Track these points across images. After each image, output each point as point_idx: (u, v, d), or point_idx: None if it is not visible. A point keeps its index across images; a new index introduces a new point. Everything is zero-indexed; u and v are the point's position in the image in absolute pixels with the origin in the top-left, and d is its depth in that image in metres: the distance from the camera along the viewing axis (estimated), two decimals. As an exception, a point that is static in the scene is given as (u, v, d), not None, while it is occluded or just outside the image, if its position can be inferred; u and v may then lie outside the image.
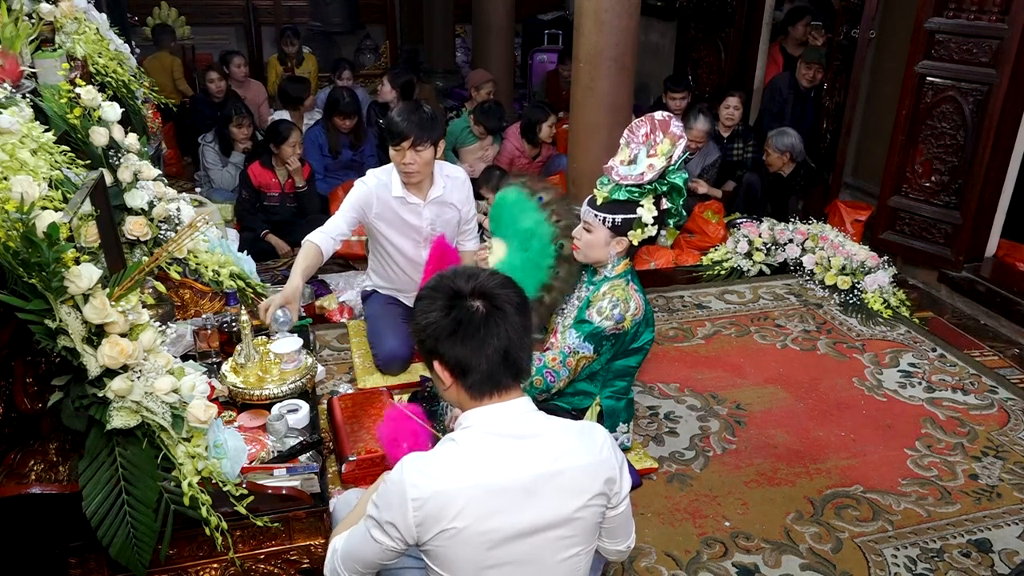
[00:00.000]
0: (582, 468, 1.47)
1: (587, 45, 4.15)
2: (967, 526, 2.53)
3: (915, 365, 3.44)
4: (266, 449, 1.95)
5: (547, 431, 1.48)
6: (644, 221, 2.32)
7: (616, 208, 2.32)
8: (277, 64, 7.25)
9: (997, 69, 3.70)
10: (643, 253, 4.56)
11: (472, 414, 1.48)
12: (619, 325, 2.36)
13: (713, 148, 5.11)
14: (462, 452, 1.44)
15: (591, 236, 2.37)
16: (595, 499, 1.49)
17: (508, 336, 1.44)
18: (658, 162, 2.28)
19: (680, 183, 2.32)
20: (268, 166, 4.50)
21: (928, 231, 4.16)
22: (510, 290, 1.49)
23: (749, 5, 5.95)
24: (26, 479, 1.60)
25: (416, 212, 3.07)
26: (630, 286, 2.40)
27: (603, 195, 2.35)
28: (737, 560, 2.35)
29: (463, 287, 1.47)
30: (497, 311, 1.45)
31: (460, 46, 8.72)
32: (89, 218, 1.77)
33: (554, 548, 1.47)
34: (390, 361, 3.12)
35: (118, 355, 1.53)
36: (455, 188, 3.15)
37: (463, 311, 1.44)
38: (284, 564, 1.81)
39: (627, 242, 2.35)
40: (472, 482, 1.40)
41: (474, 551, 1.41)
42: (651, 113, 2.39)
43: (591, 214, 2.36)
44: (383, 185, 3.03)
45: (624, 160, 2.35)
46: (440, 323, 1.45)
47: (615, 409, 2.54)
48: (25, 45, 2.30)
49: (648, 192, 2.31)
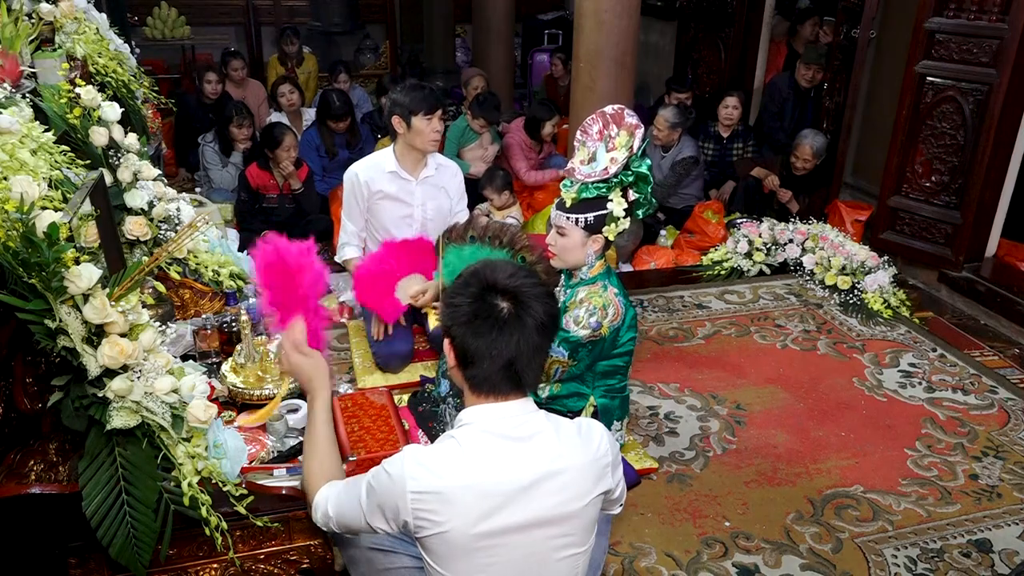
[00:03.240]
0: (581, 467, 1.47)
1: (587, 45, 4.15)
2: (967, 526, 2.53)
3: (915, 365, 3.44)
4: (266, 449, 1.95)
5: (546, 430, 1.48)
6: (616, 215, 2.32)
7: (586, 207, 2.32)
8: (277, 64, 7.25)
9: (997, 69, 3.70)
10: (643, 253, 4.56)
11: (472, 411, 1.48)
12: (595, 333, 2.35)
13: (688, 147, 4.91)
14: (462, 450, 1.44)
15: (566, 239, 2.37)
16: (595, 498, 1.50)
17: (518, 348, 1.42)
18: (619, 155, 2.28)
19: (646, 171, 2.32)
20: (266, 168, 4.48)
21: (928, 231, 4.16)
22: (543, 304, 1.45)
23: (749, 5, 5.95)
24: (26, 479, 1.61)
25: (408, 190, 3.16)
26: (609, 291, 2.39)
27: (571, 196, 2.35)
28: (737, 560, 2.35)
29: (499, 281, 1.45)
30: (518, 320, 1.42)
31: (460, 46, 8.72)
32: (89, 218, 1.77)
33: (552, 547, 1.47)
34: (389, 359, 3.12)
35: (118, 355, 1.53)
36: (447, 175, 3.25)
37: (487, 306, 1.43)
38: (284, 564, 1.81)
39: (603, 239, 2.35)
40: (471, 481, 1.40)
41: (470, 548, 1.41)
42: (601, 109, 2.38)
43: (563, 218, 2.36)
44: (371, 166, 3.16)
45: (584, 160, 2.36)
46: (462, 307, 1.44)
47: (609, 407, 2.54)
48: (25, 45, 2.30)
49: (615, 185, 2.31)
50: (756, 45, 5.98)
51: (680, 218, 4.90)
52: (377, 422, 2.58)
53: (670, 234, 4.83)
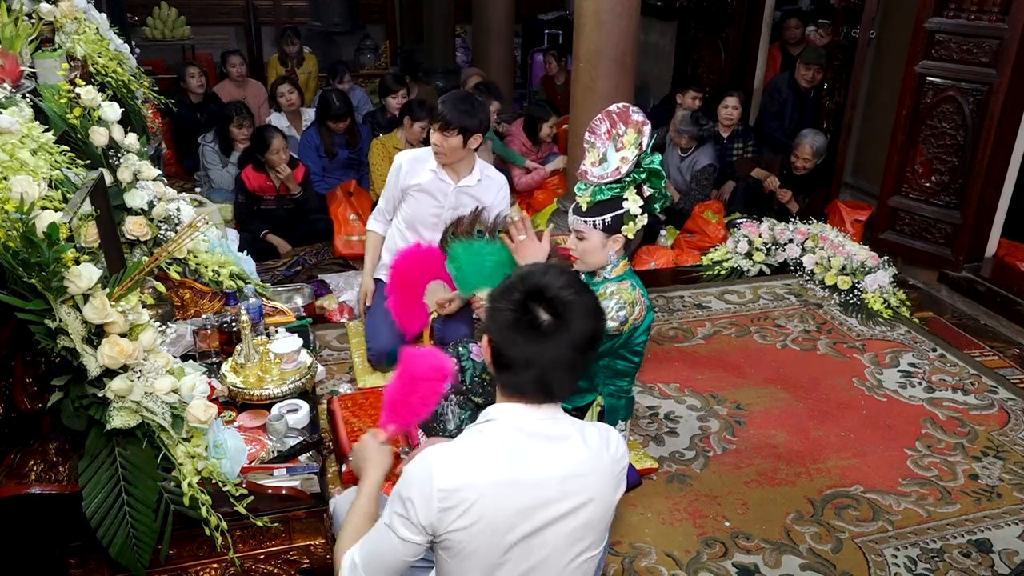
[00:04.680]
0: (603, 471, 1.48)
1: (587, 45, 4.15)
2: (967, 526, 2.53)
3: (915, 365, 3.44)
4: (266, 449, 1.95)
5: (574, 434, 1.47)
6: (633, 213, 2.31)
7: (603, 208, 2.32)
8: (278, 64, 7.24)
9: (997, 69, 3.70)
10: (643, 253, 4.56)
11: (500, 407, 1.47)
12: (620, 328, 2.35)
13: (704, 155, 4.97)
14: (489, 446, 1.42)
15: (586, 243, 2.37)
16: (613, 502, 1.51)
17: (552, 362, 1.39)
18: (630, 153, 2.28)
19: (657, 166, 2.32)
20: (261, 170, 4.46)
21: (928, 231, 4.16)
22: (585, 322, 1.41)
23: (749, 5, 5.95)
24: (26, 479, 1.60)
25: (443, 191, 3.12)
26: (636, 290, 2.39)
27: (587, 200, 2.34)
28: (737, 560, 2.35)
29: (548, 290, 1.40)
30: (555, 334, 1.38)
31: (460, 46, 8.72)
32: (89, 218, 1.77)
33: (571, 550, 1.47)
34: (381, 357, 3.12)
35: (118, 355, 1.53)
36: (489, 188, 3.15)
37: (528, 315, 1.39)
38: (284, 564, 1.81)
39: (623, 238, 2.35)
40: (497, 478, 1.38)
41: (491, 546, 1.40)
42: (607, 109, 2.38)
43: (580, 222, 2.35)
44: (417, 159, 3.14)
45: (595, 161, 2.35)
46: (504, 312, 1.41)
47: (615, 407, 2.54)
48: (25, 45, 2.30)
49: (629, 184, 2.31)
50: (756, 45, 5.98)
51: (680, 218, 4.90)
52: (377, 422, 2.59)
53: (670, 234, 4.83)
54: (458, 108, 2.92)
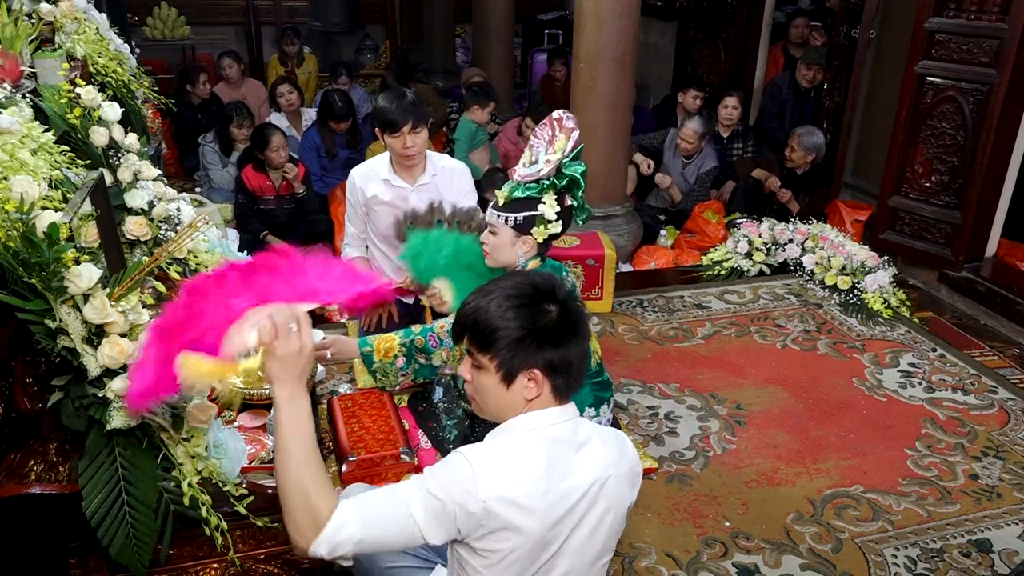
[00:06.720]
0: (622, 475, 1.49)
1: (587, 45, 4.15)
2: (967, 526, 2.53)
3: (915, 365, 3.44)
4: (266, 449, 1.95)
5: (592, 436, 1.49)
6: (547, 217, 2.31)
7: (517, 207, 2.32)
8: (278, 64, 7.25)
9: (997, 69, 3.70)
10: (643, 253, 4.56)
11: (533, 416, 1.46)
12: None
13: (711, 156, 5.03)
14: (529, 458, 1.41)
15: (496, 238, 2.37)
16: (630, 505, 1.52)
17: (580, 355, 1.47)
18: (553, 157, 2.29)
19: (578, 175, 2.31)
20: (261, 170, 4.46)
21: (928, 231, 4.16)
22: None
23: (749, 5, 5.95)
24: (26, 479, 1.60)
25: (402, 196, 3.03)
26: None
27: (504, 195, 2.35)
28: (737, 560, 2.35)
29: (556, 290, 1.48)
30: (584, 329, 1.49)
31: (460, 46, 8.72)
32: (89, 218, 1.76)
33: (593, 554, 1.48)
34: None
35: (118, 355, 1.53)
36: (450, 177, 3.08)
37: (569, 314, 1.46)
38: (284, 564, 1.80)
39: (532, 241, 2.34)
40: (540, 489, 1.38)
41: (527, 558, 1.40)
42: (550, 114, 2.38)
43: (494, 215, 2.35)
44: (367, 172, 3.06)
45: (526, 163, 2.37)
46: (545, 320, 1.44)
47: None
48: (25, 45, 2.30)
49: (548, 187, 2.31)
50: (756, 45, 5.98)
51: (680, 218, 4.90)
52: (377, 422, 2.59)
53: (670, 234, 4.83)
54: (412, 105, 2.87)
